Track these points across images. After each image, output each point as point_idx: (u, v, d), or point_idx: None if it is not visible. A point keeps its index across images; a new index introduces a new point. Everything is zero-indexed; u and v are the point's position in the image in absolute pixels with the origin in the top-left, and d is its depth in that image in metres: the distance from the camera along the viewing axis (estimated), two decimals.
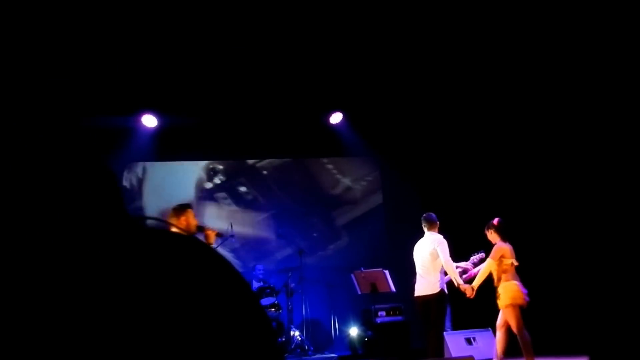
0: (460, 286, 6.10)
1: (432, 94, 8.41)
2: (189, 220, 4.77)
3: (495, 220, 6.13)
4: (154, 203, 8.89)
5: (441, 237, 6.24)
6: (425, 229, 6.33)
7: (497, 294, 6.00)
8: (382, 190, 9.60)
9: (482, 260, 6.30)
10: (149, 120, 8.52)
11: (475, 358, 7.09)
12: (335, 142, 9.18)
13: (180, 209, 4.83)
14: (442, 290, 6.14)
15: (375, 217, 9.54)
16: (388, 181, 9.53)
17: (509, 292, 5.88)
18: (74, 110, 7.17)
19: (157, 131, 8.62)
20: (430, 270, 6.16)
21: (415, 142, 9.23)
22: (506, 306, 5.89)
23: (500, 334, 6.10)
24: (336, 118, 8.97)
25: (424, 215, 6.40)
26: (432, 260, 6.16)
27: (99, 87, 7.18)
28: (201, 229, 4.89)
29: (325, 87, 8.12)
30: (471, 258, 6.53)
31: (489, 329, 7.33)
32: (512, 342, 6.48)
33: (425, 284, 6.18)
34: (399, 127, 9.17)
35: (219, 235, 5.03)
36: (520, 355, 6.45)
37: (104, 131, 7.71)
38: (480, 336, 7.50)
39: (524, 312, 5.98)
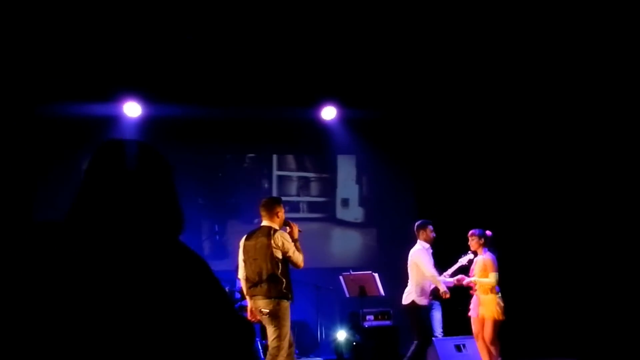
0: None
1: (429, 93, 8.19)
2: (281, 214, 5.12)
3: (489, 232, 6.30)
4: None
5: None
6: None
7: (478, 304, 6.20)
8: (375, 192, 9.37)
9: (471, 262, 6.42)
10: (132, 109, 8.05)
11: None
12: (328, 139, 8.87)
13: (273, 203, 5.18)
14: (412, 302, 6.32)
15: (367, 219, 9.31)
16: (381, 183, 9.30)
17: (488, 304, 6.12)
18: (46, 96, 6.75)
19: (141, 121, 8.15)
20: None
21: (412, 142, 8.99)
22: (489, 318, 6.13)
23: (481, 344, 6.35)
24: (330, 114, 8.63)
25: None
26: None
27: (74, 70, 6.72)
28: (287, 223, 5.19)
29: (319, 80, 7.84)
30: (459, 260, 6.56)
31: None
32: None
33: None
34: (395, 126, 8.91)
35: (300, 231, 5.27)
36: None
37: (80, 120, 7.31)
38: (470, 343, 7.44)
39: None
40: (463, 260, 6.53)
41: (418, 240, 6.41)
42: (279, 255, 4.99)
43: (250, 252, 5.10)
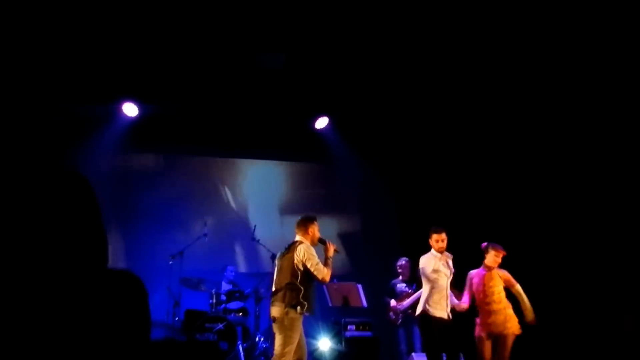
0: None
1: (417, 105, 8.21)
2: (314, 232, 5.17)
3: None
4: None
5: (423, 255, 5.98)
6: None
7: (495, 320, 5.78)
8: (361, 201, 9.40)
9: None
10: (130, 109, 8.20)
11: None
12: (319, 149, 8.96)
13: (307, 221, 5.21)
14: (422, 311, 5.87)
15: (352, 229, 9.34)
16: (368, 192, 9.34)
17: (514, 319, 5.76)
18: (45, 97, 6.84)
19: (138, 121, 8.28)
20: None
21: (399, 152, 9.05)
22: (513, 333, 5.71)
23: None
24: (322, 123, 8.72)
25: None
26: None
27: (73, 71, 6.84)
28: (322, 241, 5.24)
29: (313, 90, 7.91)
30: None
31: (460, 354, 7.20)
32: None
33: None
34: (383, 138, 8.98)
35: (336, 251, 5.29)
36: None
37: (79, 120, 7.39)
38: None
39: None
40: None
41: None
42: (300, 266, 5.06)
43: (279, 265, 5.29)
